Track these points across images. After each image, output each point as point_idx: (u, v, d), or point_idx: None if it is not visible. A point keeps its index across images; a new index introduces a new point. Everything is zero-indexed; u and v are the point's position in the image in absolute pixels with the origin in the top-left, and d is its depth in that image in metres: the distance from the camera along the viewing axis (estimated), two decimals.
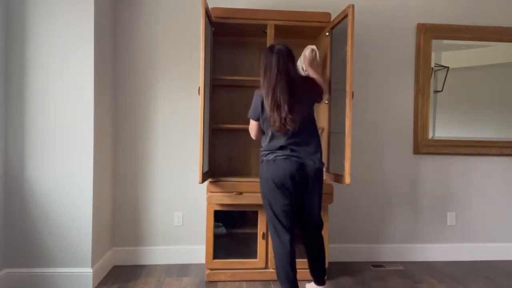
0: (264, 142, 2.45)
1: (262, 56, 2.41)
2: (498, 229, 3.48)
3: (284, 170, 2.32)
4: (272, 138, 2.39)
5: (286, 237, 2.34)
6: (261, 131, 2.50)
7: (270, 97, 2.28)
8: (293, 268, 2.33)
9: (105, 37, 2.92)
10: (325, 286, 2.56)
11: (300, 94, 2.34)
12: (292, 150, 2.35)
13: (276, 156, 2.36)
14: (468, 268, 3.23)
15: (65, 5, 2.62)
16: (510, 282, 2.93)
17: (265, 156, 2.42)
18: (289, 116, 2.26)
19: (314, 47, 2.72)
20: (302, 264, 2.65)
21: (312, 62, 2.69)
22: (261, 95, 2.36)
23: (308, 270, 2.56)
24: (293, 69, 2.36)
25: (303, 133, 2.37)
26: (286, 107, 2.26)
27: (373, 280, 2.92)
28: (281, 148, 2.36)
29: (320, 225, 2.51)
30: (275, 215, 2.36)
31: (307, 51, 2.70)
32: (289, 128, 2.29)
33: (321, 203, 2.47)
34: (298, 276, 2.38)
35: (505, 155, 3.46)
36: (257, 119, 2.44)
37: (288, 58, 2.34)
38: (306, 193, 2.40)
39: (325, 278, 2.57)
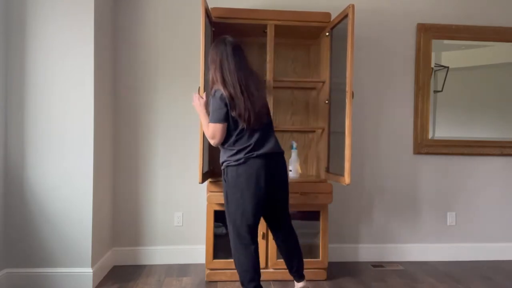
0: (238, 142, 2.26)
1: (214, 48, 2.32)
2: (498, 229, 3.48)
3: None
4: (245, 135, 2.26)
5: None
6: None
7: (245, 91, 2.22)
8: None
9: (105, 37, 2.92)
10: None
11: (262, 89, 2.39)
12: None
13: (263, 151, 2.26)
14: (468, 268, 3.23)
15: (65, 5, 2.62)
16: (510, 282, 2.93)
17: (244, 154, 2.24)
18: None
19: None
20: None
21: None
22: (223, 93, 2.20)
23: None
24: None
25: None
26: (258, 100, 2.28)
27: (373, 280, 2.92)
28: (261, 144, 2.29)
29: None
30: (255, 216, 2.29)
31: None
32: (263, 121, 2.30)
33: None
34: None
35: (505, 155, 3.46)
36: (225, 121, 2.23)
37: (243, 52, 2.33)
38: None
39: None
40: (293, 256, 2.44)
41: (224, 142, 2.28)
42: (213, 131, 2.24)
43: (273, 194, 2.33)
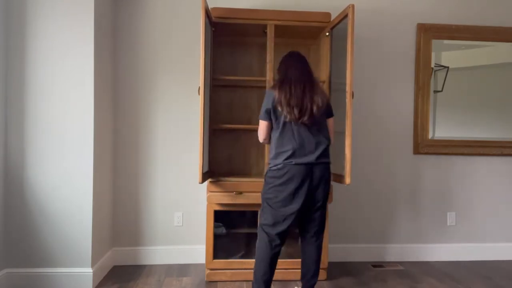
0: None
1: (284, 58, 2.43)
2: (498, 229, 3.48)
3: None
4: (286, 136, 2.31)
5: None
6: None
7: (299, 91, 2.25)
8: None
9: (105, 37, 2.92)
10: None
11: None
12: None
13: (302, 161, 2.27)
14: (468, 268, 3.23)
15: (65, 5, 2.62)
16: (510, 282, 2.93)
17: (283, 160, 2.26)
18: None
19: None
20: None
21: None
22: (274, 93, 2.30)
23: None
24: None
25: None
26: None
27: (373, 280, 2.92)
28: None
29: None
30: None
31: None
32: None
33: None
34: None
35: (505, 155, 3.46)
36: (267, 120, 2.37)
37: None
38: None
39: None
40: (308, 266, 2.41)
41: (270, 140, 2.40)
42: (259, 127, 2.40)
43: (309, 205, 2.32)
